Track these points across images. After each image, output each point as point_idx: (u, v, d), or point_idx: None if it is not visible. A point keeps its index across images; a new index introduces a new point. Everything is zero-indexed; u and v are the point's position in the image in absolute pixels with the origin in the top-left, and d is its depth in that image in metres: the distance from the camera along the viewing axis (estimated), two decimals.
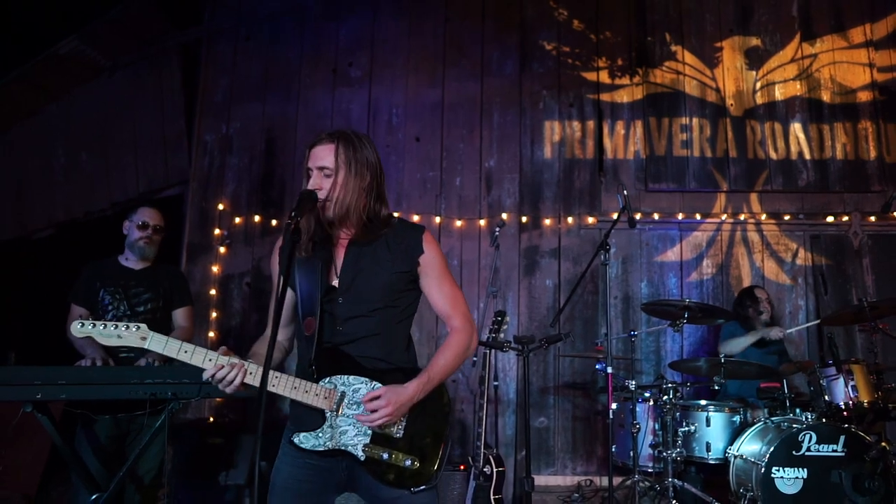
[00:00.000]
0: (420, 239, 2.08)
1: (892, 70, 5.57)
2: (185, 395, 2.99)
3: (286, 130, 5.87)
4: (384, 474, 1.90)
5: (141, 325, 1.91)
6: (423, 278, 2.09)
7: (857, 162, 5.48)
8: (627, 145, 5.74)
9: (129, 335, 1.90)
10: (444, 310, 2.10)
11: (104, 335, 1.91)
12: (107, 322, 1.92)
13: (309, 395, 1.90)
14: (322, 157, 2.04)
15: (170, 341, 1.89)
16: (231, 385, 1.86)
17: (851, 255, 5.39)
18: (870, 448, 3.31)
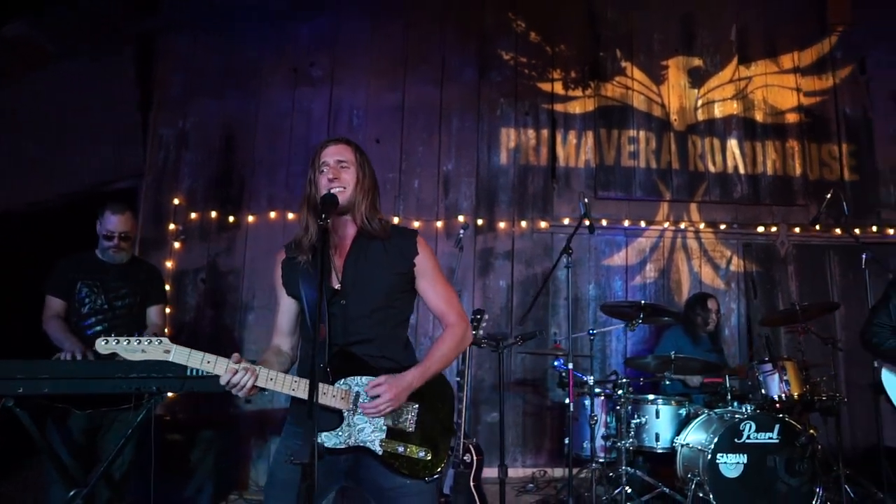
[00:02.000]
0: (414, 242, 2.22)
1: (816, 95, 6.10)
2: (168, 388, 3.01)
3: (245, 128, 5.85)
4: (400, 467, 2.02)
5: (163, 339, 1.97)
6: (419, 279, 2.20)
7: (784, 177, 5.97)
8: (579, 154, 6.03)
9: (153, 349, 1.96)
10: (440, 308, 2.22)
11: (128, 351, 1.96)
12: (130, 338, 1.97)
13: (327, 396, 2.00)
14: (339, 152, 2.19)
15: (192, 353, 1.96)
16: (244, 389, 1.95)
17: (778, 263, 5.87)
18: (800, 435, 3.68)
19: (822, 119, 6.05)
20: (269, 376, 2.00)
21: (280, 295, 2.25)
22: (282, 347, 2.26)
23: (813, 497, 3.62)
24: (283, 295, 2.24)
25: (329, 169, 2.15)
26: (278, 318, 2.27)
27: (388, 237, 2.20)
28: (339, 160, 2.17)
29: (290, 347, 2.27)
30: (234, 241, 5.70)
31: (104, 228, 3.47)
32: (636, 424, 4.06)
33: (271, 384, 1.99)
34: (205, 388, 3.12)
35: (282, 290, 2.24)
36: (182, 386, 3.03)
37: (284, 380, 2.01)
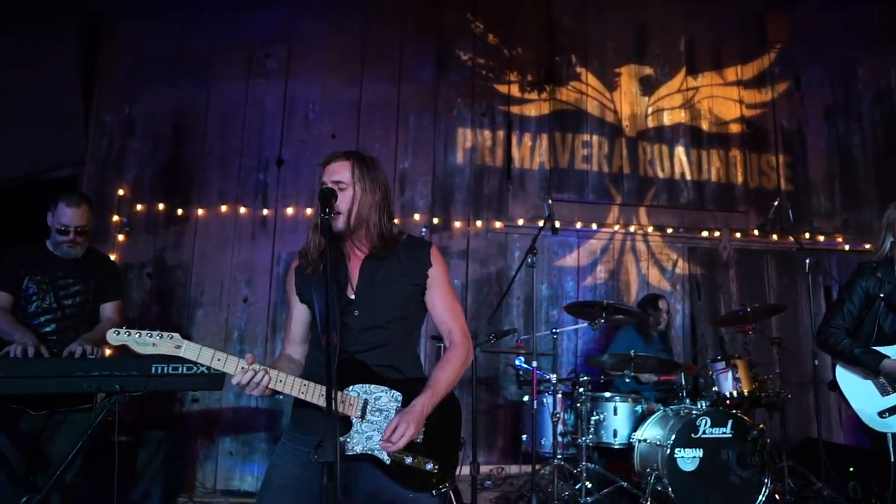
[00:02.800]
0: (428, 253, 2.20)
1: (757, 107, 6.41)
2: (132, 388, 2.88)
3: (196, 117, 5.66)
4: (407, 478, 1.99)
5: (174, 335, 1.94)
6: (429, 290, 2.18)
7: (727, 185, 6.25)
8: (534, 156, 6.13)
9: (164, 343, 1.94)
10: (446, 323, 2.19)
11: (139, 344, 1.93)
12: (142, 331, 1.93)
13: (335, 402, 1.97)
14: (337, 171, 2.13)
15: (203, 349, 1.92)
16: (258, 387, 1.92)
17: (720, 267, 6.13)
18: (751, 430, 3.87)
19: (761, 130, 6.37)
20: (280, 378, 1.95)
21: (293, 302, 2.22)
22: (293, 356, 2.22)
23: (762, 487, 3.81)
24: (297, 302, 2.20)
25: None
26: (291, 327, 2.23)
27: (403, 249, 2.17)
28: (336, 181, 2.11)
29: (301, 356, 2.24)
30: (182, 234, 5.50)
31: (58, 222, 3.24)
32: (595, 421, 4.17)
33: (281, 386, 1.95)
34: (170, 387, 3.00)
35: (295, 298, 2.20)
36: (146, 385, 2.90)
37: (294, 383, 1.97)
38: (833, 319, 2.96)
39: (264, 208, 5.62)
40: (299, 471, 2.03)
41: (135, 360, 2.92)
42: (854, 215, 6.33)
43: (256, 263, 5.56)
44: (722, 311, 6.02)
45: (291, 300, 2.22)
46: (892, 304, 2.86)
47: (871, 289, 2.91)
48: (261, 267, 5.56)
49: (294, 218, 5.66)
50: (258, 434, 5.35)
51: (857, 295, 2.93)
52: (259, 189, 5.66)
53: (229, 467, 5.27)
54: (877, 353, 2.81)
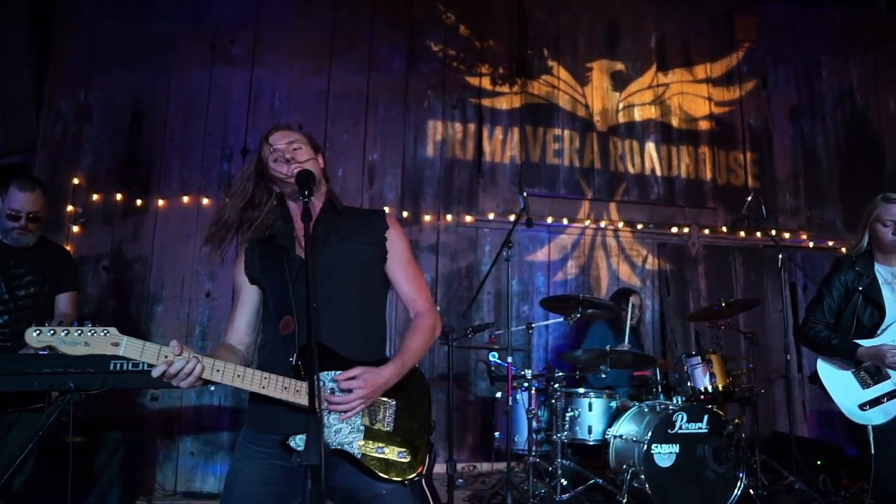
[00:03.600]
0: (384, 216, 2.10)
1: (725, 105, 6.46)
2: (88, 386, 2.70)
3: (157, 104, 5.42)
4: (379, 470, 1.85)
5: (110, 329, 1.67)
6: (389, 257, 2.06)
7: (696, 181, 6.28)
8: (505, 150, 6.06)
9: (98, 341, 1.65)
10: (409, 293, 2.07)
11: (68, 343, 1.63)
12: (70, 328, 1.63)
13: (300, 394, 1.80)
14: (287, 136, 2.06)
15: (147, 346, 1.68)
16: (188, 378, 1.71)
17: (689, 262, 6.16)
18: (726, 425, 3.86)
19: (729, 128, 6.42)
20: (216, 367, 1.75)
21: (241, 285, 2.05)
22: (235, 345, 2.03)
23: (737, 482, 3.80)
24: (244, 285, 2.04)
25: (282, 152, 2.00)
26: (237, 315, 2.05)
27: (353, 214, 2.09)
28: (289, 142, 2.03)
29: (245, 347, 2.05)
30: (141, 226, 5.26)
31: (9, 207, 3.04)
32: (570, 417, 4.11)
33: (217, 375, 1.75)
34: (130, 385, 2.84)
35: (244, 280, 2.04)
36: (104, 382, 2.72)
37: (254, 376, 1.79)
38: (813, 314, 2.95)
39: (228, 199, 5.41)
40: (262, 474, 1.89)
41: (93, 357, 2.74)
42: (818, 213, 6.43)
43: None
44: (691, 306, 6.05)
45: (239, 284, 2.05)
46: (870, 297, 2.86)
47: (849, 282, 2.91)
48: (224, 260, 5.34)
49: None
50: (221, 433, 5.16)
51: (837, 289, 2.93)
52: (223, 179, 5.45)
53: (190, 468, 5.07)
54: (852, 342, 2.80)
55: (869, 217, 2.87)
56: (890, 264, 2.92)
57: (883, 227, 2.82)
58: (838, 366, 2.85)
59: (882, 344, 2.72)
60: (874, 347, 2.72)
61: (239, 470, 1.92)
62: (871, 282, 2.88)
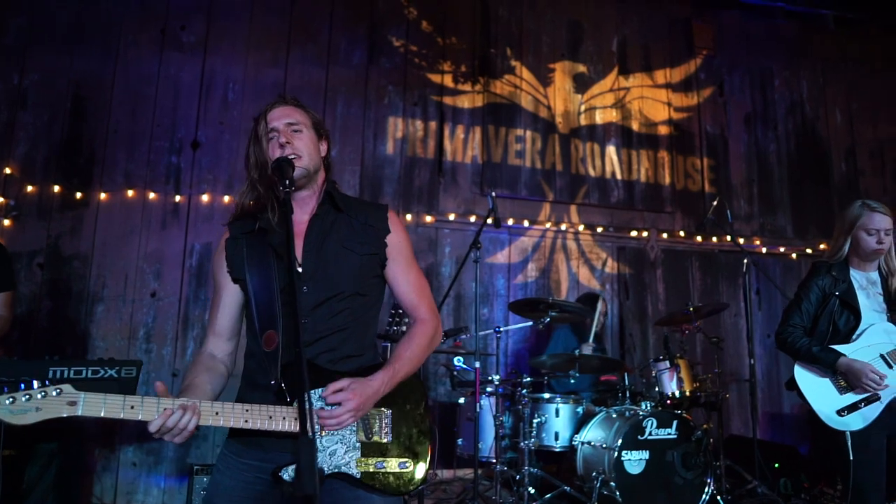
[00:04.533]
0: (385, 217, 1.93)
1: (684, 111, 6.52)
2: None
3: (100, 90, 5.08)
4: (379, 485, 1.71)
5: (62, 387, 1.44)
6: (390, 261, 1.90)
7: (656, 185, 6.31)
8: (466, 149, 5.95)
9: (50, 404, 1.43)
10: (410, 299, 1.92)
11: (15, 413, 1.40)
12: (15, 395, 1.40)
13: (287, 420, 1.63)
14: (288, 114, 1.89)
15: (108, 399, 1.47)
16: (183, 433, 1.53)
17: (648, 266, 6.18)
18: (695, 430, 3.84)
19: (687, 133, 6.48)
20: (214, 410, 1.57)
21: (222, 285, 1.86)
22: (215, 354, 1.86)
23: (704, 487, 3.78)
24: (227, 285, 1.85)
25: (279, 134, 1.82)
26: (218, 317, 1.86)
27: (353, 210, 1.90)
28: (289, 123, 1.86)
29: (226, 355, 1.88)
30: (81, 220, 4.92)
31: None
32: (537, 423, 4.02)
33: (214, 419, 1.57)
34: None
35: (225, 279, 1.85)
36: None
37: (234, 409, 1.60)
38: (791, 319, 2.94)
39: (177, 194, 5.13)
40: (246, 488, 1.73)
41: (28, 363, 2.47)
42: (769, 219, 6.56)
43: (167, 254, 5.05)
44: (649, 310, 6.08)
45: (220, 282, 1.87)
46: (846, 302, 2.87)
47: (826, 287, 2.91)
48: (171, 258, 5.06)
49: (210, 206, 5.20)
50: (166, 444, 4.84)
51: (814, 294, 2.92)
52: (171, 173, 5.15)
53: (132, 480, 4.75)
54: (833, 350, 2.80)
55: (852, 224, 2.87)
56: (865, 270, 2.93)
57: (867, 236, 2.83)
58: (816, 372, 2.84)
59: (865, 364, 2.71)
60: (857, 364, 2.71)
61: (220, 483, 1.76)
62: (848, 287, 2.88)
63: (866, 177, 6.96)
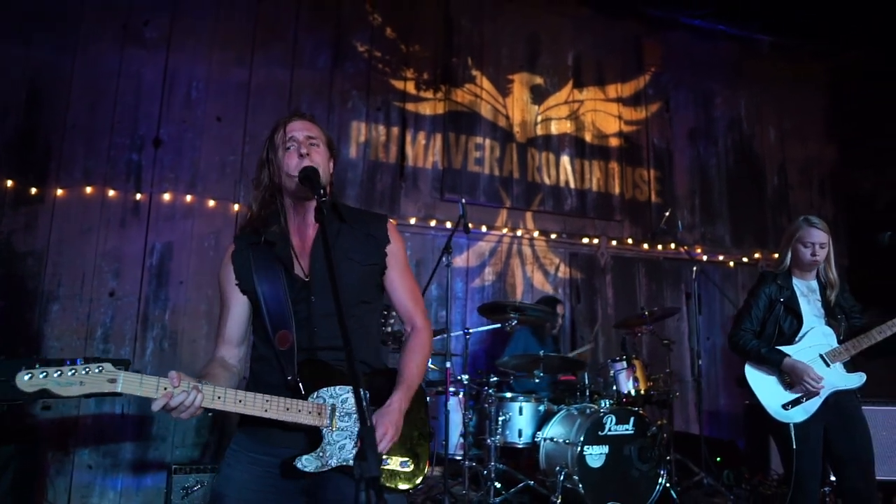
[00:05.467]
0: (385, 228, 2.03)
1: (634, 124, 6.86)
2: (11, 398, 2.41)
3: (58, 83, 4.97)
4: (385, 482, 1.80)
5: (104, 365, 1.56)
6: (389, 270, 2.01)
7: (606, 195, 6.61)
8: (427, 155, 6.09)
9: (92, 379, 1.54)
10: (407, 307, 2.03)
11: (62, 385, 1.52)
12: (62, 369, 1.52)
13: (302, 413, 1.75)
14: (308, 128, 1.98)
15: (145, 379, 1.59)
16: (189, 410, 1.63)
17: (598, 272, 6.47)
18: (650, 426, 4.10)
19: (636, 145, 6.82)
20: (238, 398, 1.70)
21: (230, 297, 1.95)
22: (227, 360, 1.95)
23: (658, 479, 4.04)
24: (235, 296, 1.94)
25: (299, 145, 1.92)
26: (227, 325, 1.95)
27: (354, 220, 2.00)
28: (308, 136, 1.95)
29: (237, 360, 1.97)
30: (35, 217, 4.80)
31: None
32: (502, 421, 4.19)
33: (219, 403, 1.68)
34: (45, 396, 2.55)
35: (233, 290, 1.94)
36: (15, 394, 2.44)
37: (255, 399, 1.71)
38: (742, 323, 3.21)
39: (137, 192, 5.06)
40: (256, 481, 1.81)
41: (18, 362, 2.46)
42: (710, 229, 6.97)
43: (126, 253, 4.98)
44: (599, 314, 6.36)
45: (228, 293, 1.95)
46: (790, 307, 3.16)
47: (773, 294, 3.19)
48: (131, 257, 4.99)
49: (171, 205, 5.16)
50: (124, 444, 4.79)
51: (762, 300, 3.20)
52: (132, 171, 5.09)
53: (87, 482, 4.67)
54: (779, 351, 3.08)
55: (792, 237, 3.17)
56: (806, 279, 3.23)
57: (804, 248, 3.13)
58: (764, 371, 3.11)
59: (808, 366, 3.00)
60: (801, 365, 3.00)
61: (230, 476, 1.83)
62: (791, 294, 3.17)
63: (795, 191, 7.48)
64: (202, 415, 1.71)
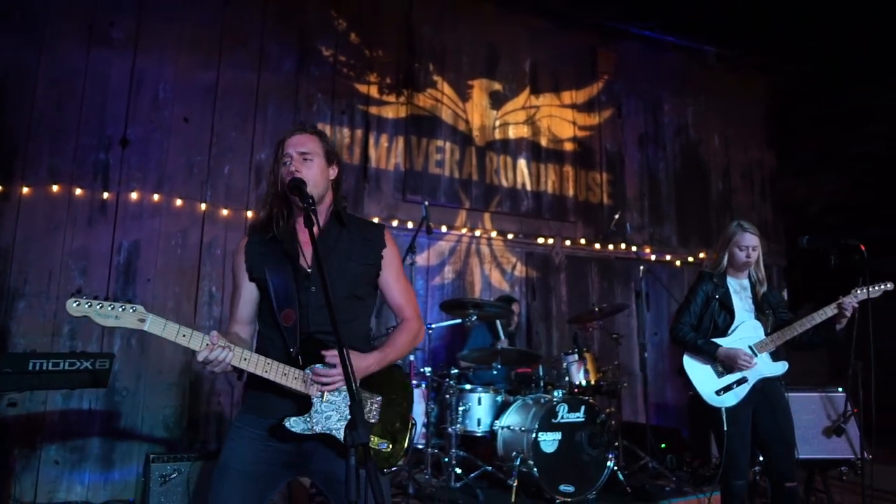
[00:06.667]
0: (382, 234, 2.28)
1: (587, 129, 7.20)
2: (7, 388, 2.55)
3: (23, 80, 5.00)
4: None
5: (137, 307, 1.84)
6: (384, 271, 2.25)
7: (561, 197, 6.93)
8: (390, 157, 6.30)
9: (127, 316, 1.82)
10: (399, 303, 2.29)
11: (101, 316, 1.80)
12: (103, 301, 1.80)
13: (297, 381, 2.00)
14: (303, 143, 2.18)
15: (168, 324, 1.84)
16: (221, 364, 1.90)
17: (553, 271, 6.79)
18: (600, 414, 4.40)
19: (589, 150, 7.16)
20: (244, 356, 1.94)
21: (241, 282, 2.19)
22: (240, 335, 2.18)
23: (607, 462, 4.34)
24: (245, 282, 2.18)
25: (291, 161, 2.13)
26: (239, 307, 2.20)
27: (354, 227, 2.24)
28: (301, 152, 2.16)
29: (249, 336, 2.22)
30: (1, 215, 4.83)
31: None
32: (462, 411, 4.44)
33: (245, 364, 1.93)
34: (49, 386, 2.71)
35: (244, 276, 2.18)
36: (21, 384, 2.58)
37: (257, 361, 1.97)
38: (682, 318, 3.53)
39: (104, 191, 5.13)
40: (256, 454, 2.05)
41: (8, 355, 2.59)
42: (658, 230, 7.36)
43: (93, 251, 5.05)
44: (553, 310, 6.67)
45: (240, 279, 2.20)
46: (724, 304, 3.48)
47: (709, 292, 3.52)
48: (98, 255, 5.06)
49: (138, 204, 5.24)
50: (91, 439, 4.86)
51: (700, 297, 3.53)
52: (99, 170, 5.15)
53: (54, 478, 4.73)
54: (714, 343, 3.40)
55: (728, 241, 3.50)
56: (739, 278, 3.57)
57: (739, 251, 3.46)
58: (700, 360, 3.43)
59: (739, 349, 3.33)
60: (732, 350, 3.33)
61: (234, 450, 2.06)
62: (725, 292, 3.50)
63: (738, 194, 7.95)
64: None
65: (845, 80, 7.38)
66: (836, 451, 4.37)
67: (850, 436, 4.35)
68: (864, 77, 7.21)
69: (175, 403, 5.12)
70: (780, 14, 6.70)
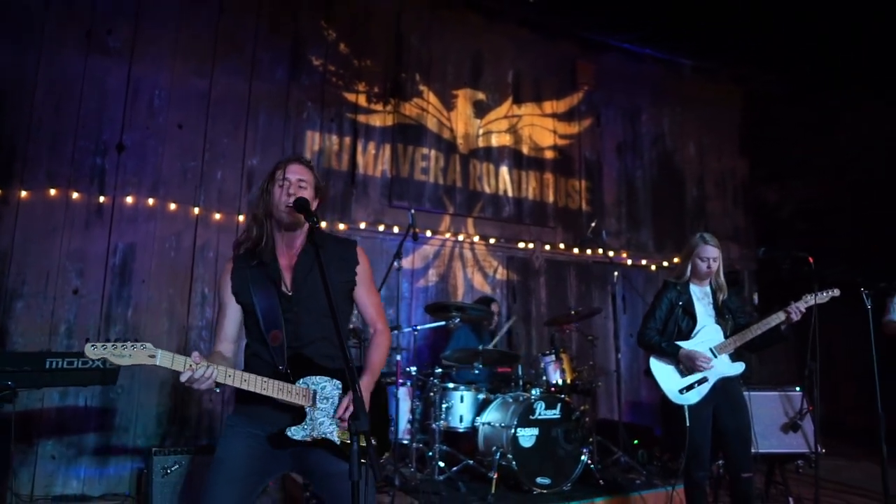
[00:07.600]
0: (356, 252, 2.50)
1: (567, 138, 7.47)
2: (25, 384, 2.75)
3: (21, 86, 5.17)
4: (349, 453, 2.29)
5: (147, 345, 2.00)
6: (358, 286, 2.48)
7: (541, 203, 7.20)
8: (377, 164, 6.52)
9: (138, 354, 2.00)
10: (372, 315, 2.52)
11: (116, 356, 1.98)
12: (117, 343, 1.98)
13: (292, 394, 2.23)
14: (302, 172, 2.42)
15: (176, 357, 2.03)
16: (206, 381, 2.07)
17: (533, 274, 7.05)
18: (574, 411, 4.67)
19: (569, 158, 7.44)
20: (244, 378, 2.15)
21: (227, 303, 2.38)
22: (225, 354, 2.37)
23: (581, 457, 4.61)
24: (231, 303, 2.38)
25: (290, 185, 2.35)
26: (225, 326, 2.39)
27: (330, 246, 2.42)
28: (300, 179, 2.38)
29: (232, 354, 2.40)
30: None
31: None
32: (445, 408, 4.69)
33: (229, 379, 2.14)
34: (64, 383, 2.91)
35: (230, 299, 2.37)
36: (38, 381, 2.79)
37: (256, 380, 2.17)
38: (648, 322, 3.80)
39: (101, 195, 5.31)
40: (249, 450, 2.26)
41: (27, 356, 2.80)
42: (635, 236, 7.66)
43: (90, 253, 5.23)
44: (533, 312, 6.94)
45: (226, 300, 2.39)
46: (687, 310, 3.76)
47: (673, 299, 3.79)
48: (95, 257, 5.24)
49: (134, 207, 5.43)
50: (87, 435, 5.04)
51: (665, 304, 3.80)
52: (96, 174, 5.33)
53: (50, 472, 4.91)
54: (677, 345, 3.68)
55: (691, 252, 3.77)
56: (701, 285, 3.84)
57: (700, 262, 3.74)
58: (665, 361, 3.71)
59: (697, 351, 3.60)
60: (692, 352, 3.60)
61: (228, 446, 2.28)
62: (688, 299, 3.78)
63: (712, 201, 8.27)
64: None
65: (816, 90, 7.72)
66: (792, 446, 4.69)
67: (805, 431, 4.67)
68: (834, 87, 7.55)
69: (168, 401, 5.31)
70: (755, 27, 6.99)
